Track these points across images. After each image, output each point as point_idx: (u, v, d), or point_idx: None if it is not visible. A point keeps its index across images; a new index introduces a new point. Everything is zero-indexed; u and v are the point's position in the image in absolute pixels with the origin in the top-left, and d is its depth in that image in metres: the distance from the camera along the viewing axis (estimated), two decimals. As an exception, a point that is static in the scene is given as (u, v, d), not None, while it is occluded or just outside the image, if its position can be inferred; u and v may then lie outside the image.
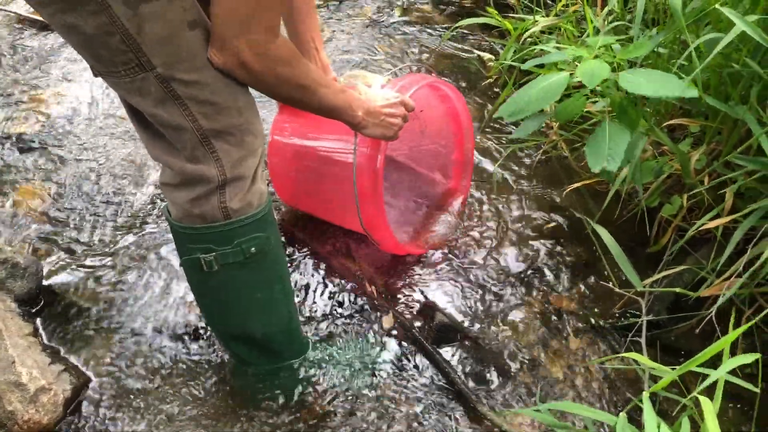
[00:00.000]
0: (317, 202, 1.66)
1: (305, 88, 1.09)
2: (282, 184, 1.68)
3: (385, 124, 1.29)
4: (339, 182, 1.48)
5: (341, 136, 1.48)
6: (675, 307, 1.46)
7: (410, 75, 1.46)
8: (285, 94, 1.09)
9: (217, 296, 1.22)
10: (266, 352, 1.35)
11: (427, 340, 1.42)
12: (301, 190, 1.65)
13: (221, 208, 1.08)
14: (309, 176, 1.58)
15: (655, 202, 1.55)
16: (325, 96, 1.14)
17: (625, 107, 1.15)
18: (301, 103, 1.13)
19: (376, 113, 1.28)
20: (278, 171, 1.64)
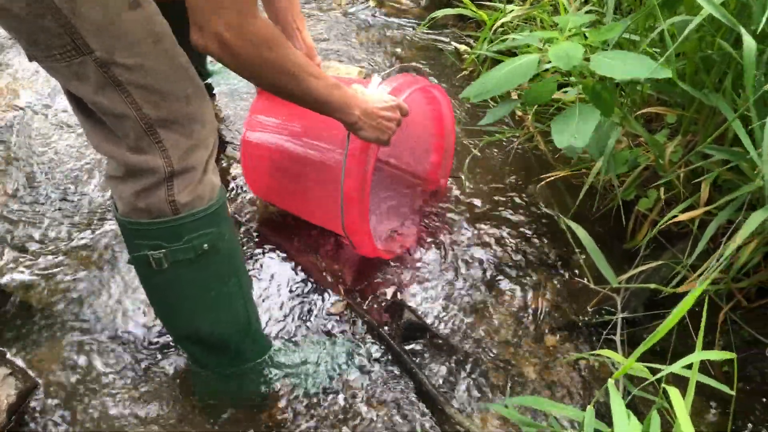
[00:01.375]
0: (293, 200, 1.61)
1: (291, 75, 1.05)
2: (255, 179, 1.63)
3: (381, 128, 1.27)
4: (320, 183, 1.44)
5: (324, 133, 1.43)
6: (652, 304, 1.43)
7: (403, 76, 1.43)
8: (270, 80, 1.05)
9: (169, 294, 1.17)
10: (223, 353, 1.30)
11: (394, 339, 1.38)
12: (275, 186, 1.60)
13: (169, 202, 1.03)
14: (285, 173, 1.53)
15: (631, 195, 1.52)
16: (316, 88, 1.10)
17: (599, 92, 1.12)
18: (287, 92, 1.09)
19: (374, 115, 1.25)
20: (251, 165, 1.59)
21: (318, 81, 1.10)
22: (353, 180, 1.34)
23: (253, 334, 1.31)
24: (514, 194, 1.75)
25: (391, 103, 1.29)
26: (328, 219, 1.51)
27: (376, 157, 1.36)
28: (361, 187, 1.35)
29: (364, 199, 1.37)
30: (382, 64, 2.23)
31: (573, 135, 1.09)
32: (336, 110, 1.18)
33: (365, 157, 1.34)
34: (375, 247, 1.47)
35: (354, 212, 1.37)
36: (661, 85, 1.39)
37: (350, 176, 1.34)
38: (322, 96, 1.13)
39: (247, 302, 1.26)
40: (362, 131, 1.25)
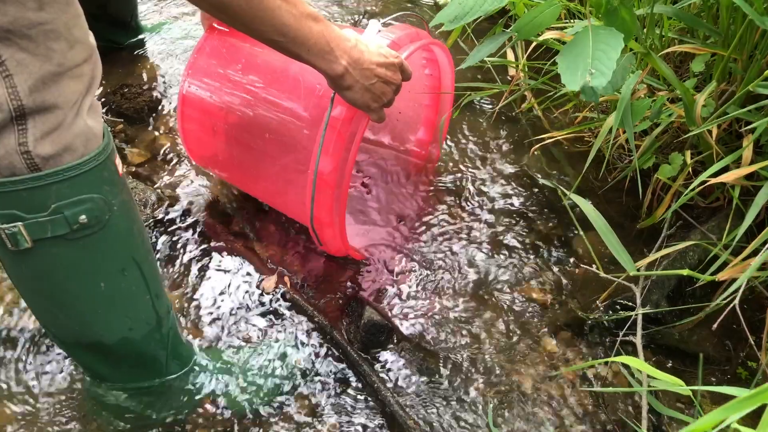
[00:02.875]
0: (243, 176, 1.31)
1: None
2: (195, 146, 1.32)
3: (375, 90, 0.98)
4: (281, 158, 1.15)
5: (292, 91, 1.12)
6: (676, 295, 1.16)
7: (403, 28, 1.12)
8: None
9: (41, 286, 0.88)
10: (129, 364, 1.02)
11: (351, 345, 1.10)
12: (222, 156, 1.27)
13: (22, 153, 0.74)
14: (235, 141, 1.22)
15: (649, 163, 1.25)
16: (280, 14, 0.82)
17: (616, 7, 0.85)
18: (235, 14, 0.80)
19: (368, 71, 0.96)
20: (190, 127, 1.28)
21: (287, 5, 0.82)
22: (331, 159, 1.02)
23: (167, 339, 1.02)
24: (503, 163, 1.48)
25: (393, 60, 1.00)
26: (289, 204, 1.22)
27: (364, 132, 1.05)
28: (341, 170, 1.04)
29: (344, 185, 1.06)
30: (341, 20, 1.95)
31: (588, 71, 0.81)
32: (313, 53, 0.89)
33: (350, 129, 1.02)
34: (348, 246, 1.17)
35: (328, 201, 1.06)
36: (689, 17, 1.13)
37: (327, 153, 1.02)
38: (290, 27, 0.84)
39: (155, 299, 0.97)
40: (350, 91, 0.97)
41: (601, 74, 0.81)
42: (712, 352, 1.11)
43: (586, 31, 0.83)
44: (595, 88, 0.83)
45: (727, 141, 1.21)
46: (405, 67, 1.03)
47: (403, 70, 1.02)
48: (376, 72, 0.97)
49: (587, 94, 0.87)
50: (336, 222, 1.09)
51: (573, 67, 0.84)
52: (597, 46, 0.84)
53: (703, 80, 1.27)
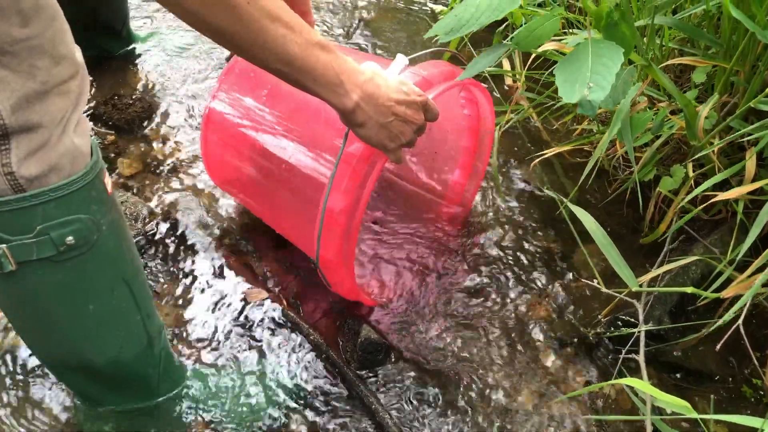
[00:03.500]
0: (258, 202, 1.26)
1: (241, 14, 0.72)
2: (215, 167, 1.27)
3: (392, 129, 0.90)
4: (294, 189, 1.10)
5: (312, 122, 1.07)
6: (679, 311, 1.14)
7: (437, 64, 1.05)
8: (207, 17, 0.71)
9: (26, 309, 0.85)
10: (120, 386, 0.99)
11: (348, 364, 1.08)
12: (240, 181, 1.23)
13: (4, 174, 0.72)
14: (254, 167, 1.17)
15: (650, 175, 1.23)
16: (284, 42, 0.76)
17: (617, 21, 0.83)
18: (237, 42, 0.75)
19: (384, 108, 0.88)
20: (211, 150, 1.24)
21: (292, 34, 0.77)
22: (343, 197, 0.96)
23: (159, 360, 1.00)
24: (501, 174, 1.46)
25: (415, 98, 0.92)
26: (299, 238, 1.17)
27: (381, 171, 0.99)
28: (353, 210, 0.97)
29: (353, 229, 0.99)
30: (340, 28, 1.93)
31: (587, 84, 0.79)
32: (320, 84, 0.82)
33: (364, 168, 0.96)
34: (357, 291, 1.10)
35: (335, 243, 1.00)
36: (689, 28, 1.11)
37: (339, 190, 0.96)
38: (295, 57, 0.78)
39: (146, 319, 0.94)
40: (363, 128, 0.89)
41: (600, 88, 0.79)
42: (716, 369, 1.09)
43: (585, 44, 0.81)
44: (593, 102, 0.81)
45: (729, 153, 1.19)
46: (430, 106, 0.94)
47: (427, 109, 0.94)
48: (394, 110, 0.89)
49: (585, 108, 0.84)
50: (344, 264, 1.03)
51: (571, 80, 0.82)
52: (597, 59, 0.82)
53: (704, 90, 1.26)
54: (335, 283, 1.08)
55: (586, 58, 0.83)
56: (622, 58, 0.79)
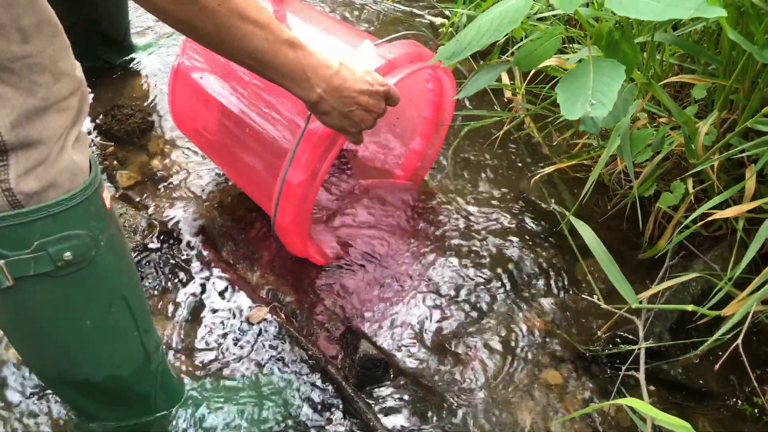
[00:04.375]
0: (223, 159, 1.33)
1: (209, 11, 0.74)
2: (182, 120, 1.35)
3: (354, 117, 0.97)
4: (258, 153, 1.17)
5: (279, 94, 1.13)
6: (679, 328, 1.14)
7: (404, 45, 1.11)
8: (181, 15, 0.74)
9: (23, 324, 0.85)
10: (116, 402, 0.99)
11: (346, 380, 1.07)
12: (206, 137, 1.29)
13: (3, 190, 0.72)
14: (220, 127, 1.23)
15: (650, 191, 1.23)
16: (251, 39, 0.80)
17: (617, 40, 0.83)
18: (205, 37, 0.78)
19: (347, 99, 0.94)
20: (179, 104, 1.31)
21: (260, 31, 0.80)
22: (301, 171, 1.03)
23: (156, 376, 0.99)
24: (501, 189, 1.46)
25: (377, 88, 0.98)
26: (259, 198, 1.25)
27: (339, 149, 1.05)
28: (309, 185, 1.05)
29: (308, 200, 1.07)
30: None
31: (589, 101, 0.79)
32: (288, 79, 0.88)
33: (324, 146, 1.03)
34: (309, 252, 1.21)
35: (291, 212, 1.08)
36: (689, 45, 1.11)
37: (298, 165, 1.03)
38: (262, 54, 0.82)
39: (144, 335, 0.94)
40: (326, 116, 0.96)
41: (601, 105, 0.79)
42: (717, 387, 1.09)
43: (587, 62, 0.81)
44: (596, 118, 0.81)
45: (728, 169, 1.19)
46: (391, 94, 1.01)
47: (389, 97, 1.01)
48: (357, 100, 0.95)
49: (587, 125, 0.85)
50: (298, 231, 1.12)
51: (573, 97, 0.82)
52: (598, 77, 0.82)
53: (704, 106, 1.26)
54: (288, 245, 1.19)
55: (588, 75, 0.83)
56: (623, 76, 0.79)
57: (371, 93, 0.97)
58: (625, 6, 0.80)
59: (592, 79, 0.82)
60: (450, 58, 0.88)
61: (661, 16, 0.77)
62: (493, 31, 0.83)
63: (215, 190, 1.45)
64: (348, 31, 1.20)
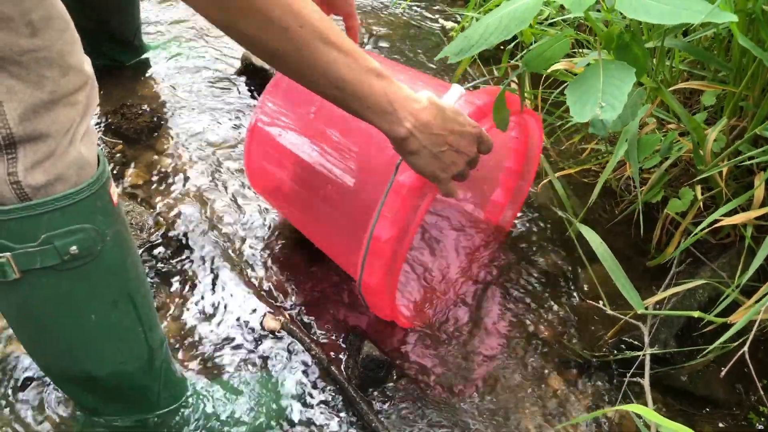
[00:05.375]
0: (300, 218, 1.25)
1: (291, 35, 0.71)
2: (258, 179, 1.27)
3: (445, 158, 0.87)
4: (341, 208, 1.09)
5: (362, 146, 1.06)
6: (685, 335, 1.13)
7: (489, 91, 1.03)
8: (251, 34, 0.71)
9: (28, 317, 0.86)
10: (120, 398, 0.99)
11: (349, 381, 1.07)
12: (283, 189, 1.22)
13: (11, 183, 0.72)
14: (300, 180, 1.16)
15: (658, 197, 1.23)
16: (337, 66, 0.75)
17: (628, 43, 0.83)
18: (286, 63, 0.75)
19: (437, 137, 0.85)
20: (256, 162, 1.23)
21: (345, 58, 0.75)
22: (390, 226, 0.95)
23: (159, 373, 0.99)
24: (509, 195, 1.45)
25: (470, 129, 0.89)
26: (340, 256, 1.17)
27: (431, 202, 0.98)
28: (399, 240, 0.96)
29: (399, 258, 0.99)
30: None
31: (598, 104, 0.79)
32: (373, 111, 0.80)
33: (415, 199, 0.94)
34: (396, 315, 1.11)
35: (380, 270, 0.99)
36: (699, 51, 1.11)
37: (387, 219, 0.95)
38: (347, 82, 0.77)
39: (148, 332, 0.94)
40: (415, 156, 0.86)
41: (611, 108, 0.79)
42: (723, 395, 1.08)
43: (596, 64, 0.81)
44: (605, 121, 0.81)
45: (737, 176, 1.18)
46: (484, 138, 0.92)
47: (481, 141, 0.92)
48: (448, 139, 0.86)
49: (597, 128, 0.83)
50: (386, 291, 1.02)
51: (583, 100, 0.82)
52: (608, 79, 0.82)
53: (714, 112, 1.25)
54: (374, 306, 1.08)
55: (598, 78, 0.82)
56: (633, 78, 0.79)
57: (463, 133, 0.88)
58: (635, 8, 0.80)
59: (602, 82, 0.81)
60: (458, 54, 0.88)
61: (671, 20, 0.76)
62: (501, 30, 0.83)
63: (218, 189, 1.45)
64: (431, 80, 1.13)
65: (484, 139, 0.92)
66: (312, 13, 0.73)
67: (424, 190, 0.95)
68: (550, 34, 1.28)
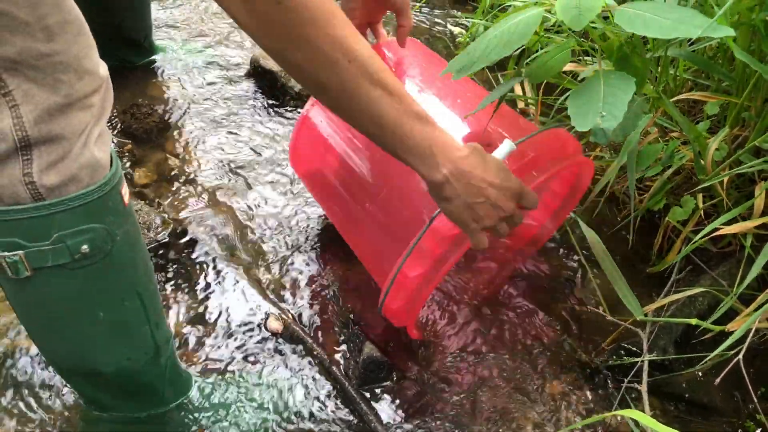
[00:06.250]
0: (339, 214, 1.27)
1: (341, 72, 0.72)
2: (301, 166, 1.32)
3: (479, 210, 0.86)
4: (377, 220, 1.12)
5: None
6: (684, 342, 1.15)
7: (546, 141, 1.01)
8: (302, 70, 0.73)
9: (38, 313, 0.88)
10: (125, 393, 1.02)
11: (350, 381, 1.10)
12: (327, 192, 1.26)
13: (26, 183, 0.75)
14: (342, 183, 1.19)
15: (659, 205, 1.25)
16: (380, 107, 0.76)
17: (628, 54, 0.85)
18: (330, 98, 0.77)
19: (476, 187, 0.84)
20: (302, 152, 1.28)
21: (389, 98, 0.76)
22: (419, 265, 0.96)
23: (165, 369, 1.02)
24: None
25: (510, 185, 0.87)
26: (370, 262, 1.20)
27: (461, 255, 0.98)
28: (427, 282, 0.99)
29: (423, 294, 1.02)
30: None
31: (599, 113, 0.81)
32: (411, 154, 0.81)
33: (446, 247, 0.95)
34: (412, 330, 1.13)
35: (401, 301, 1.01)
36: (702, 61, 1.13)
37: (417, 257, 0.96)
38: (388, 121, 0.77)
39: (155, 329, 0.97)
40: (448, 202, 0.86)
41: (612, 117, 0.81)
42: (720, 402, 1.10)
43: (597, 75, 0.83)
44: (606, 130, 0.83)
45: (739, 185, 1.20)
46: (525, 194, 0.89)
47: (522, 197, 0.89)
48: (486, 192, 0.85)
49: (597, 137, 0.85)
50: (407, 316, 1.06)
51: (584, 109, 0.84)
52: (609, 90, 0.84)
53: (717, 122, 1.27)
54: (392, 319, 1.09)
55: (599, 88, 0.85)
56: (633, 88, 0.81)
57: (502, 187, 0.86)
58: (633, 22, 0.82)
59: (602, 92, 0.84)
60: (460, 71, 0.91)
61: (668, 34, 0.79)
62: (502, 46, 0.85)
63: (225, 189, 1.48)
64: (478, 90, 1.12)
65: (526, 195, 0.90)
66: (363, 50, 0.73)
67: (458, 241, 0.95)
68: (557, 41, 1.30)
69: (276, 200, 1.47)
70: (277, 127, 1.69)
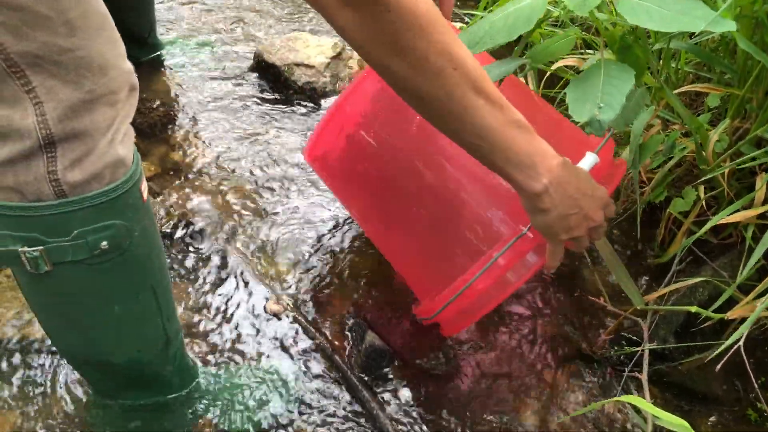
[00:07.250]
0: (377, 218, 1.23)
1: (446, 81, 0.71)
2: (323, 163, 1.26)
3: (571, 221, 0.85)
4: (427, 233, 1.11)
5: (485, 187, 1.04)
6: (684, 332, 1.19)
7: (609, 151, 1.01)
8: (415, 83, 0.72)
9: (54, 306, 0.91)
10: (134, 382, 1.05)
11: (352, 369, 1.14)
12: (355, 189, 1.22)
13: (50, 180, 0.77)
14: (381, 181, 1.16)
15: (661, 197, 1.29)
16: (482, 115, 0.75)
17: (629, 44, 0.88)
18: (429, 106, 0.75)
19: (572, 198, 0.83)
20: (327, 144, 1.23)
21: (491, 107, 0.74)
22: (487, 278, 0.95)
23: (173, 359, 1.06)
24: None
25: (600, 194, 0.87)
26: (412, 274, 1.18)
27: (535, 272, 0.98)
28: (491, 300, 1.01)
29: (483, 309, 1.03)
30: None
31: (597, 104, 0.84)
32: (512, 164, 0.79)
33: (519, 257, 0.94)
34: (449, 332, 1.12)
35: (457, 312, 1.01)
36: (704, 53, 1.16)
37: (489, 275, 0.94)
38: (491, 132, 0.75)
39: (166, 322, 1.00)
40: (544, 214, 0.84)
41: (609, 108, 0.84)
42: (721, 391, 1.13)
43: (598, 65, 0.86)
44: (603, 121, 0.85)
45: (740, 177, 1.24)
46: (609, 206, 0.90)
47: (606, 206, 0.89)
48: (581, 202, 0.84)
49: (594, 127, 0.85)
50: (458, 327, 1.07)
51: (582, 99, 0.87)
52: (608, 80, 0.86)
53: (718, 114, 1.31)
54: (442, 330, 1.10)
55: (598, 78, 0.87)
56: (633, 80, 0.84)
57: (594, 198, 0.86)
58: (636, 13, 0.84)
59: (602, 82, 0.87)
60: (465, 50, 0.94)
61: (670, 27, 0.81)
62: (507, 30, 0.87)
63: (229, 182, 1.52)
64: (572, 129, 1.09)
65: (609, 205, 0.91)
66: (467, 58, 0.72)
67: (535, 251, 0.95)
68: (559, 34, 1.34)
69: (279, 192, 1.51)
70: (281, 120, 1.72)
